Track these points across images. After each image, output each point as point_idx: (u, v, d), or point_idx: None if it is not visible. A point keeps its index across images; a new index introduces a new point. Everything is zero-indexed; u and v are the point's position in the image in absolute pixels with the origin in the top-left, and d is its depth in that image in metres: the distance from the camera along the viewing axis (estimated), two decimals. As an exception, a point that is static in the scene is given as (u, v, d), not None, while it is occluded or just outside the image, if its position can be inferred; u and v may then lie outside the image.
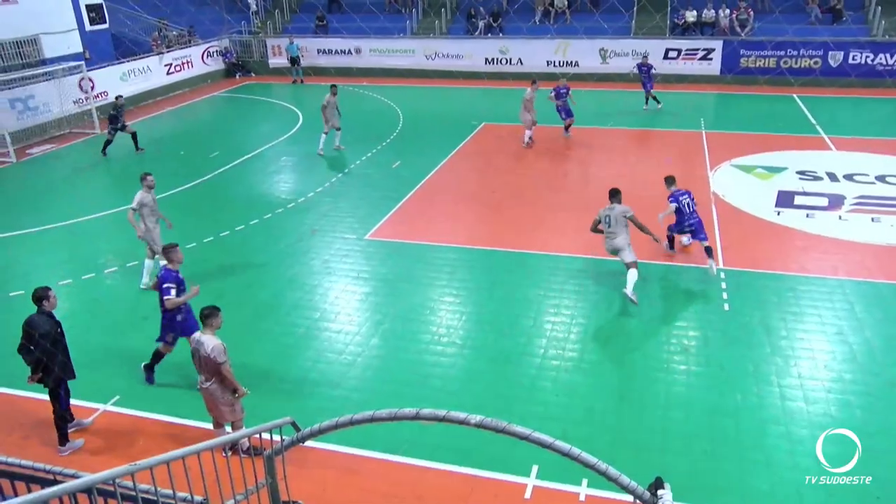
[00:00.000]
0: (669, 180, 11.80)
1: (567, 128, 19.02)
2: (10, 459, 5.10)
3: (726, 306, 10.24)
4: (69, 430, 7.89)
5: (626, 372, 8.85)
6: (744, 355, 9.04)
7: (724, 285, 10.81)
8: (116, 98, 18.89)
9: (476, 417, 4.30)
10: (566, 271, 11.53)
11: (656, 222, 11.21)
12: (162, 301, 8.52)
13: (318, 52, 29.17)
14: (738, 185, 14.98)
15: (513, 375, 8.86)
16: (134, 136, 18.84)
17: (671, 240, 12.06)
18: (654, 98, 21.75)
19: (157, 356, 8.87)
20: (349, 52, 28.84)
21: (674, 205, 11.26)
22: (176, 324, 8.70)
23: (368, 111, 22.64)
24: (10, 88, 19.82)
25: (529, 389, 8.57)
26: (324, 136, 18.10)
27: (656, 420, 7.91)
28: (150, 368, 8.92)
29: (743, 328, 9.66)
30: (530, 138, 18.32)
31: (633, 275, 10.23)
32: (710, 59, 24.93)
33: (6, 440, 7.89)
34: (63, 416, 7.75)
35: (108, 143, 18.63)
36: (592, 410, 8.14)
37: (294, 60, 28.03)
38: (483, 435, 4.33)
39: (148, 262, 11.42)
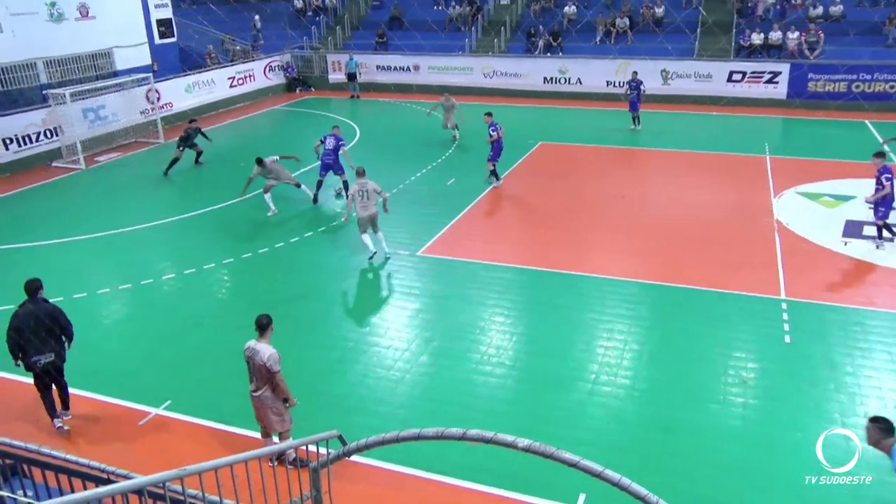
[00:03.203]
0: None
1: (635, 118, 21.71)
2: (69, 456, 5.23)
3: (788, 338, 9.85)
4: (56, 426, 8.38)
5: (680, 402, 8.57)
6: (805, 391, 8.67)
7: (785, 316, 10.42)
8: (190, 122, 19.28)
9: (524, 441, 4.21)
10: (620, 296, 11.30)
11: (716, 251, 10.90)
12: None
13: (378, 69, 29.58)
14: (804, 213, 14.48)
15: (562, 400, 8.69)
16: (199, 153, 19.16)
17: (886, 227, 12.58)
18: (636, 118, 21.71)
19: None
20: (408, 68, 29.16)
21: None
22: None
23: (424, 128, 22.77)
24: (83, 99, 20.67)
25: (579, 415, 8.38)
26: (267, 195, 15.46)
27: (711, 453, 7.63)
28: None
29: (805, 362, 9.27)
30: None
31: None
32: (777, 82, 24.27)
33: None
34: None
35: (174, 161, 18.50)
36: (644, 440, 7.91)
37: (352, 76, 28.48)
38: (530, 459, 4.24)
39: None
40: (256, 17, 32.51)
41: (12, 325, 7.99)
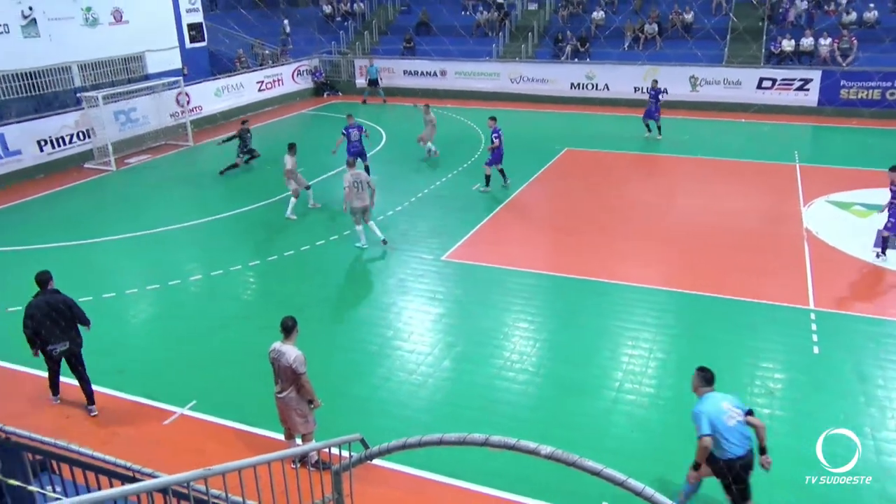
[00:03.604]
0: None
1: (658, 128, 21.17)
2: (96, 454, 5.31)
3: (816, 349, 9.69)
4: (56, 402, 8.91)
5: (705, 411, 8.46)
6: (834, 403, 8.51)
7: (814, 327, 10.25)
8: (242, 122, 19.37)
9: (547, 448, 4.18)
10: (646, 303, 11.20)
11: (743, 259, 10.78)
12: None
13: (405, 74, 29.69)
14: (834, 223, 14.24)
15: (585, 407, 8.63)
16: (255, 156, 19.36)
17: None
18: (653, 127, 21.20)
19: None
20: (435, 74, 29.24)
21: None
22: None
23: (451, 133, 22.81)
24: (115, 101, 21.03)
25: (603, 423, 8.32)
26: (294, 200, 15.61)
27: (736, 465, 7.51)
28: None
29: (834, 374, 9.11)
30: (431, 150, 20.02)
31: None
32: (807, 89, 23.90)
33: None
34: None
35: (233, 166, 18.79)
36: (668, 449, 7.82)
37: (373, 82, 28.59)
38: (552, 466, 4.20)
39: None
40: (286, 21, 32.84)
41: (27, 315, 8.32)
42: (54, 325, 8.33)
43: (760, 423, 6.34)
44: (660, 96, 21.05)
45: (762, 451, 6.29)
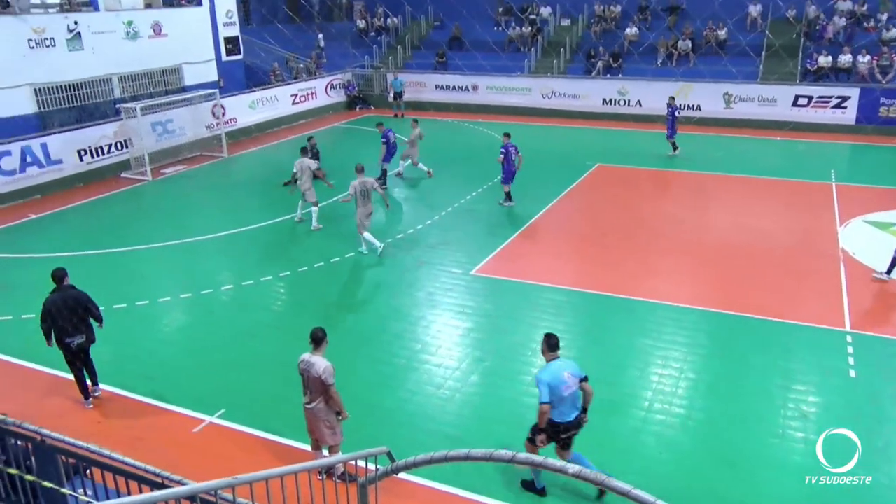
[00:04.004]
0: None
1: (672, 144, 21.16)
2: (126, 459, 5.39)
3: (852, 372, 9.46)
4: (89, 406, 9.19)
5: (736, 434, 8.31)
6: (871, 428, 8.29)
7: (850, 349, 10.02)
8: (309, 139, 19.30)
9: (574, 467, 4.15)
10: (677, 322, 11.05)
11: (777, 279, 10.58)
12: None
13: (436, 88, 29.86)
14: (872, 243, 13.91)
15: (614, 426, 8.51)
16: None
17: None
18: (673, 144, 20.97)
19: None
20: (466, 88, 29.36)
21: None
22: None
23: (481, 147, 22.84)
24: (153, 113, 21.48)
25: (631, 443, 8.21)
26: (315, 209, 15.79)
27: (767, 488, 7.36)
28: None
29: (871, 398, 8.88)
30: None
31: None
32: (845, 107, 23.48)
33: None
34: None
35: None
36: (698, 472, 7.69)
37: (398, 95, 28.82)
38: (578, 484, 4.17)
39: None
40: (320, 35, 33.25)
41: (44, 310, 8.66)
42: (70, 319, 8.69)
43: (591, 390, 7.07)
44: (676, 113, 20.83)
45: (584, 410, 7.09)
